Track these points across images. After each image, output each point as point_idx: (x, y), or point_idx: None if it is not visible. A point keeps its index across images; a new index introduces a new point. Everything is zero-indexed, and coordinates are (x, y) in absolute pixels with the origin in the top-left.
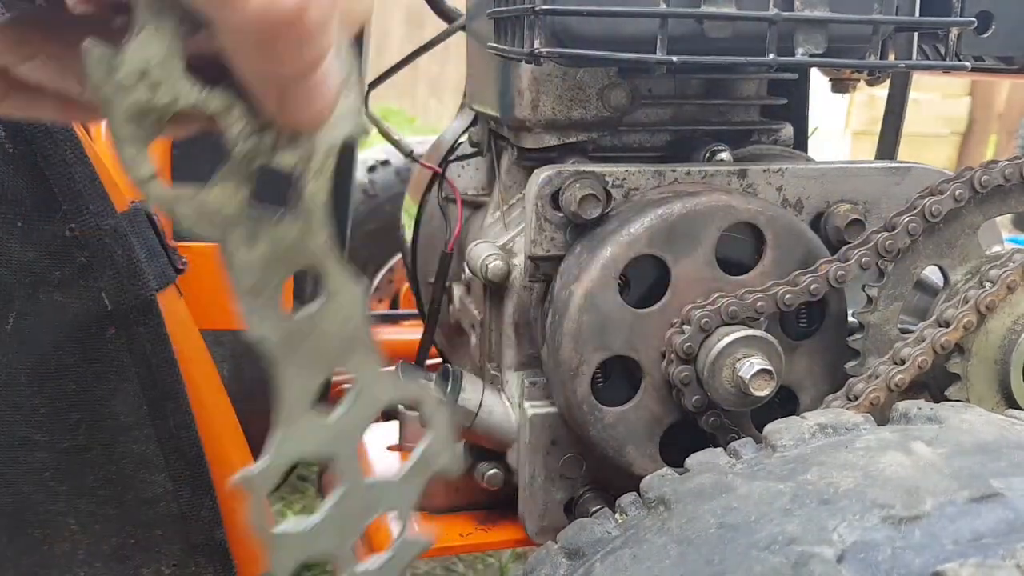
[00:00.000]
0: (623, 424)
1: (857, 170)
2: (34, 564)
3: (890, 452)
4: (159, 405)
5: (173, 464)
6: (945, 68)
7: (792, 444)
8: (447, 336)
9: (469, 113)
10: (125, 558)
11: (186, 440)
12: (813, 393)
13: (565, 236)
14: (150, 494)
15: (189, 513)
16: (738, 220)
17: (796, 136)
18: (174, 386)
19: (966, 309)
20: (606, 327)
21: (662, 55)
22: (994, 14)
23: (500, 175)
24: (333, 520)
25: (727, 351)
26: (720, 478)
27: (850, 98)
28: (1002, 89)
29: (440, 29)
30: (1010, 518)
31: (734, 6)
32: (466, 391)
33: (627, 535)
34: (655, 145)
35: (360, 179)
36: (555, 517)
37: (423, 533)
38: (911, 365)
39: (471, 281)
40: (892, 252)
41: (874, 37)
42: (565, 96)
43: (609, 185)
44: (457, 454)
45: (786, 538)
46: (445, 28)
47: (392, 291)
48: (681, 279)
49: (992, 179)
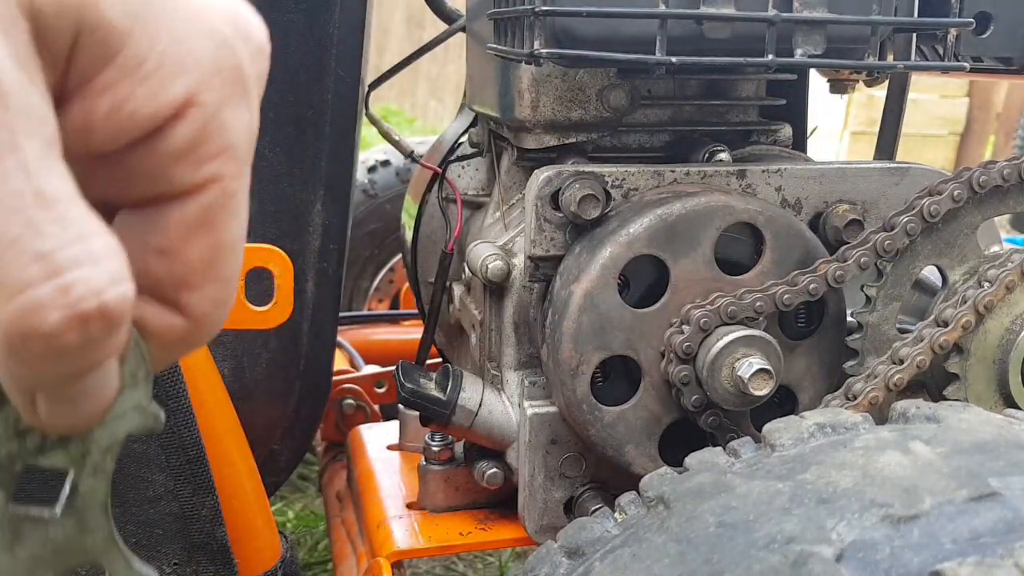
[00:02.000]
0: (623, 423)
1: (856, 170)
2: None
3: (889, 451)
4: (160, 404)
5: (174, 463)
6: (943, 69)
7: (791, 443)
8: (447, 336)
9: (469, 113)
10: None
11: (187, 439)
12: (812, 393)
13: (565, 236)
14: (151, 493)
15: (190, 512)
16: (737, 220)
17: (795, 136)
18: (175, 386)
19: (964, 309)
20: (605, 327)
21: (661, 56)
22: (992, 15)
23: (500, 175)
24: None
25: (726, 351)
26: (719, 477)
27: (849, 98)
28: (1000, 89)
29: (440, 29)
30: (1008, 517)
31: (733, 7)
32: (466, 391)
33: (626, 534)
34: (654, 145)
35: (360, 179)
36: (555, 516)
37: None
38: (910, 365)
39: (471, 281)
40: (891, 252)
41: (873, 38)
42: (565, 97)
43: (609, 185)
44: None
45: (785, 537)
46: (445, 29)
47: (392, 291)
48: (680, 279)
49: (990, 179)
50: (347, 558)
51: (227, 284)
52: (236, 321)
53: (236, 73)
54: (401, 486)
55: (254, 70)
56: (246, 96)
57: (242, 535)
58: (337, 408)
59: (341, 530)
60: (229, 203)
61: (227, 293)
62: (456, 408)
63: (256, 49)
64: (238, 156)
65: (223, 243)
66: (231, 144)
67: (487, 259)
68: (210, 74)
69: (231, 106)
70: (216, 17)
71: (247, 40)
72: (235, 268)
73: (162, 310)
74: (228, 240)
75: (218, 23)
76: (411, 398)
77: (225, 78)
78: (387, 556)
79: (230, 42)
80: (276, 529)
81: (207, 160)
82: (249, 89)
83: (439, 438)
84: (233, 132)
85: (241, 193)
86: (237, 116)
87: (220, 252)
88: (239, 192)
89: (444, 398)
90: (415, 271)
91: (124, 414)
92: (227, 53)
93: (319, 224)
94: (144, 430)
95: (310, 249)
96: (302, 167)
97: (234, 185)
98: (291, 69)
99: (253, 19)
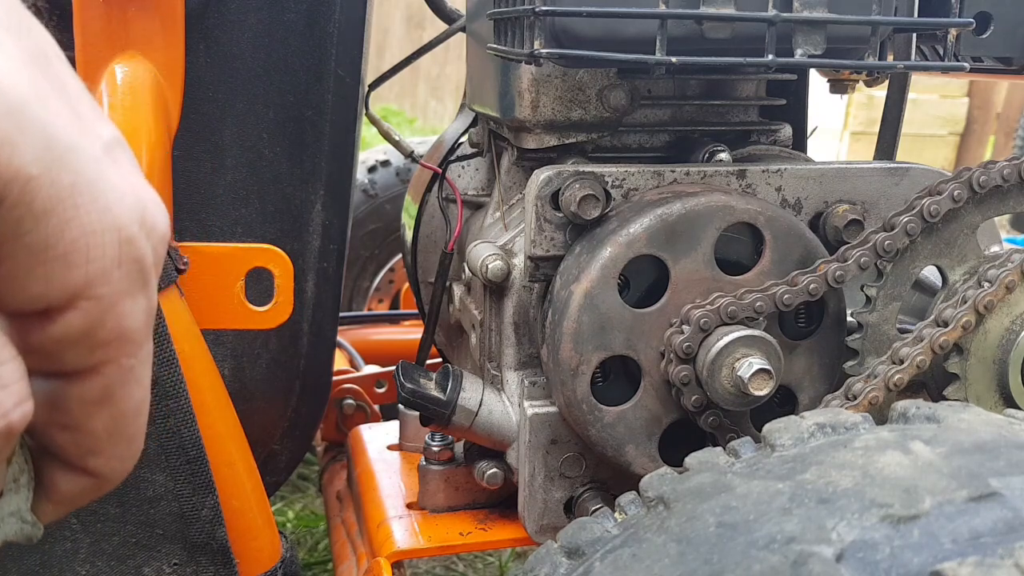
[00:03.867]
0: (623, 423)
1: (856, 170)
2: (35, 563)
3: (889, 451)
4: (160, 404)
5: (174, 463)
6: (943, 69)
7: (791, 443)
8: (447, 336)
9: (469, 113)
10: (126, 557)
11: (187, 439)
12: (812, 393)
13: (565, 236)
14: (151, 493)
15: (190, 512)
16: (737, 220)
17: (795, 136)
18: (175, 385)
19: (964, 309)
20: (605, 327)
21: (661, 56)
22: (992, 15)
23: (500, 175)
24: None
25: (726, 351)
26: (719, 477)
27: (849, 99)
28: (1000, 89)
29: (440, 29)
30: (1008, 517)
31: (733, 7)
32: (466, 391)
33: (626, 534)
34: (654, 145)
35: (360, 179)
36: (555, 516)
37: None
38: (910, 365)
39: (471, 281)
40: (891, 252)
41: (873, 38)
42: (565, 97)
43: (609, 185)
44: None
45: (785, 537)
46: (445, 29)
47: (392, 291)
48: (680, 279)
49: (990, 179)
50: (347, 558)
51: (132, 442)
52: (236, 321)
53: (138, 266)
54: (401, 486)
55: (155, 258)
56: (145, 286)
57: (242, 535)
58: (337, 408)
59: (341, 530)
60: (127, 377)
61: (133, 449)
62: (456, 408)
63: (159, 239)
64: (134, 340)
65: (125, 412)
66: (125, 331)
67: (487, 259)
68: (112, 268)
69: (128, 297)
70: (125, 212)
71: (152, 232)
72: (140, 426)
73: (69, 473)
74: (131, 407)
75: (126, 219)
76: (411, 398)
77: (126, 272)
78: (387, 556)
79: (135, 237)
80: (276, 529)
81: (100, 347)
82: (148, 278)
83: (439, 438)
84: (128, 320)
85: (140, 365)
86: (133, 306)
87: (122, 420)
88: (137, 366)
89: (444, 398)
90: (415, 271)
91: (3, 519)
92: (130, 249)
93: (319, 224)
94: (22, 538)
95: (310, 249)
96: (302, 167)
97: (130, 363)
98: (291, 69)
99: (158, 210)
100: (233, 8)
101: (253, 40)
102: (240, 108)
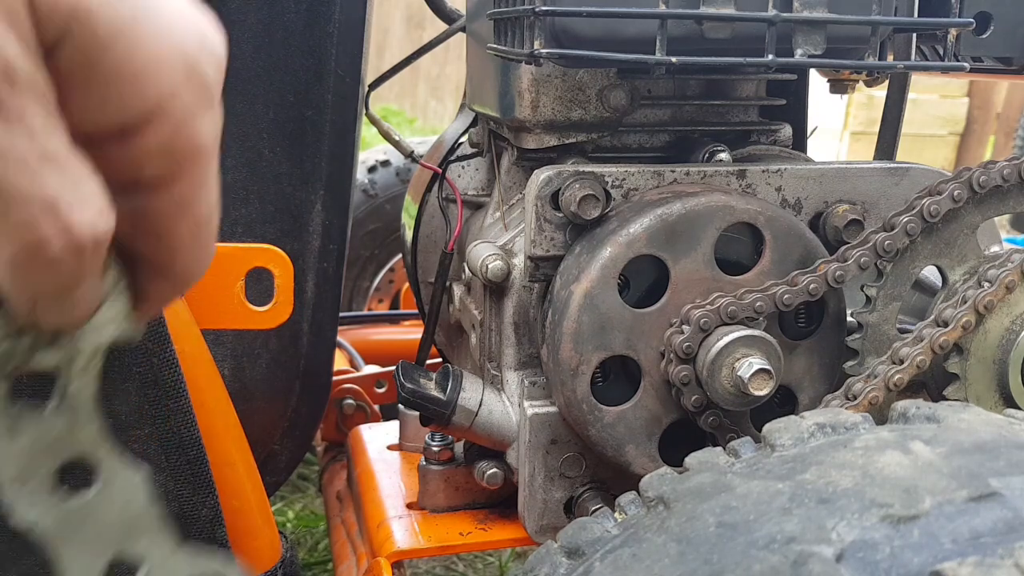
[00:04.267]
0: (623, 423)
1: (856, 170)
2: (35, 563)
3: (889, 451)
4: (160, 404)
5: (174, 463)
6: (943, 69)
7: (791, 443)
8: (447, 336)
9: (469, 113)
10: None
11: (187, 439)
12: (812, 393)
13: (565, 236)
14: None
15: (190, 512)
16: (737, 220)
17: (795, 136)
18: (175, 386)
19: (964, 309)
20: (605, 327)
21: (661, 56)
22: (992, 15)
23: (500, 175)
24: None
25: (726, 351)
26: (719, 477)
27: (849, 98)
28: (1000, 89)
29: (440, 29)
30: (1008, 517)
31: (733, 7)
32: (466, 391)
33: (626, 534)
34: (654, 145)
35: (360, 179)
36: (555, 516)
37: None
38: (910, 365)
39: (471, 281)
40: (891, 252)
41: (873, 38)
42: (565, 97)
43: (609, 185)
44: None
45: (785, 537)
46: (445, 29)
47: (392, 291)
48: (680, 279)
49: (990, 179)
50: (347, 558)
51: (208, 244)
52: (236, 321)
53: (203, 84)
54: (401, 486)
55: (217, 79)
56: (211, 103)
57: (242, 535)
58: (337, 408)
59: (341, 530)
60: (202, 184)
61: (209, 251)
62: (456, 408)
63: (218, 62)
64: (205, 151)
65: (202, 215)
66: (198, 143)
67: (487, 259)
68: (180, 87)
69: (198, 112)
70: (186, 37)
71: (212, 54)
72: (213, 230)
73: (157, 278)
74: (206, 212)
75: (188, 43)
76: (411, 398)
77: (193, 89)
78: (387, 556)
79: (198, 59)
80: (276, 529)
81: (177, 159)
82: (213, 96)
83: (439, 438)
84: (200, 132)
85: (211, 174)
86: (203, 120)
87: (202, 222)
88: (209, 174)
89: (444, 398)
90: (415, 271)
91: (106, 323)
92: (195, 69)
93: (319, 224)
94: (124, 337)
95: (310, 249)
96: (302, 167)
97: (204, 171)
98: (291, 69)
99: (216, 35)
100: (233, 8)
101: (253, 40)
102: (240, 108)
